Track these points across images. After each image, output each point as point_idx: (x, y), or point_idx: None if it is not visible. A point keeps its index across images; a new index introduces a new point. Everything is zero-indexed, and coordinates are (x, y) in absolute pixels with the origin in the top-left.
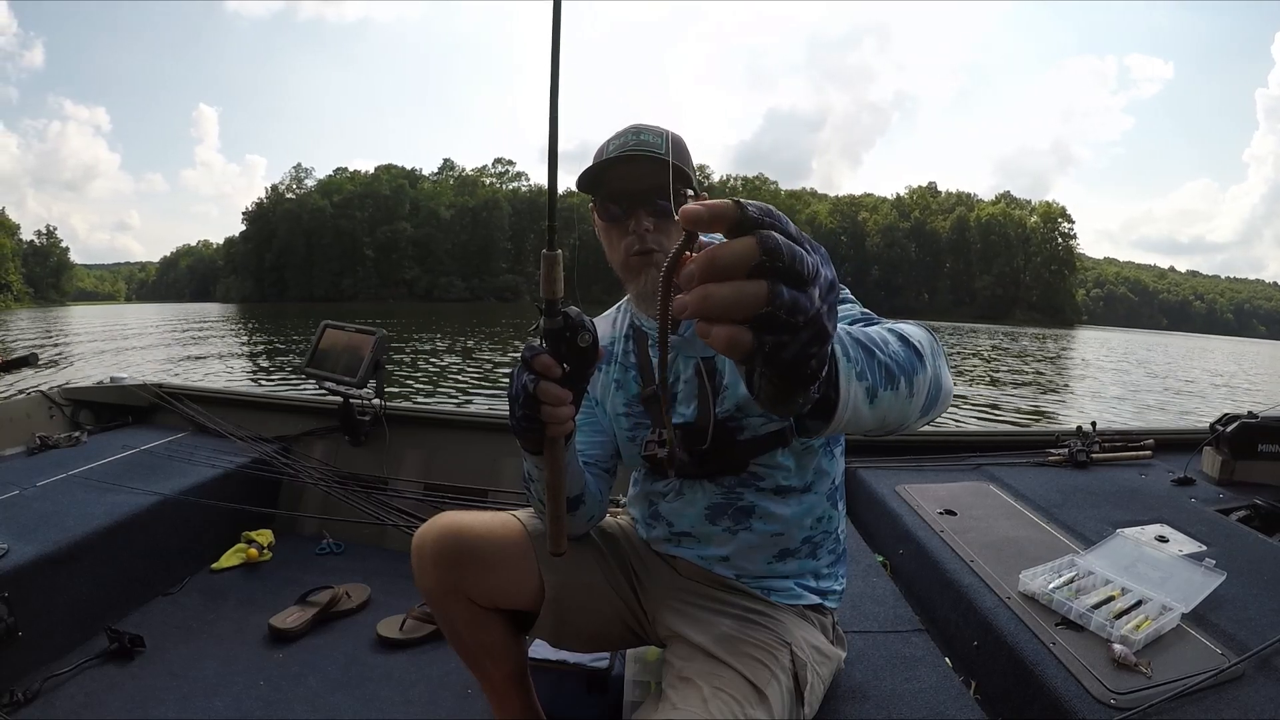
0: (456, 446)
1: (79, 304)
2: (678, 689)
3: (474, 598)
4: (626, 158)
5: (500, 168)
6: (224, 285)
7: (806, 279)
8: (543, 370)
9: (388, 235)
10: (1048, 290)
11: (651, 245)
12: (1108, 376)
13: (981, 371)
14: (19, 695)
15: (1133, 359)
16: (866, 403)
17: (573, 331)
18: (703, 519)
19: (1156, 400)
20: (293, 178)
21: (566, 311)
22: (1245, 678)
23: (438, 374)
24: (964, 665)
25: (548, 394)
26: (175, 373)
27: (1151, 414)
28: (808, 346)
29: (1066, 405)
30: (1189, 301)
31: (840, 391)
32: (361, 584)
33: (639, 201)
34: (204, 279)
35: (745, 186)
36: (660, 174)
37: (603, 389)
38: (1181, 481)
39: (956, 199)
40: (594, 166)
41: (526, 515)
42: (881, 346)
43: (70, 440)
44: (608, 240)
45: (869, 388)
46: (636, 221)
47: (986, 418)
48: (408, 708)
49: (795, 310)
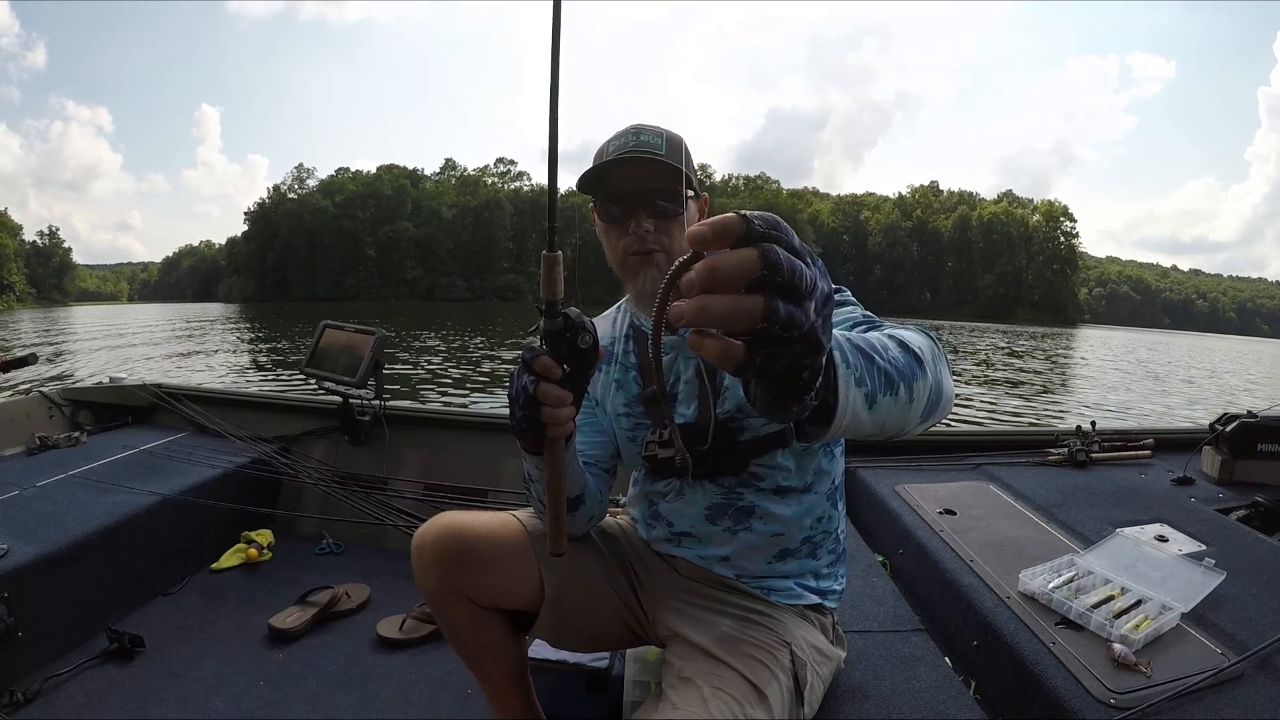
0: (456, 446)
1: (81, 304)
2: (678, 689)
3: (474, 597)
4: (626, 159)
5: (502, 167)
6: (226, 285)
7: (804, 293)
8: (543, 372)
9: (389, 235)
10: (1050, 289)
11: (651, 245)
12: (1112, 378)
13: (980, 372)
14: (19, 695)
15: (1156, 360)
16: (865, 408)
17: (573, 333)
18: (703, 519)
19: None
20: (295, 178)
21: (566, 312)
22: (1245, 677)
23: (439, 373)
24: (964, 665)
25: (548, 395)
26: (176, 373)
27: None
28: (800, 359)
29: (1067, 405)
30: (1192, 300)
31: (839, 397)
32: (361, 584)
33: (638, 202)
34: (206, 279)
35: (747, 186)
36: (659, 175)
37: (603, 389)
38: (1181, 481)
39: (959, 198)
40: (594, 168)
41: (526, 515)
42: (881, 352)
43: (70, 440)
44: (607, 240)
45: (868, 393)
46: (636, 222)
47: (987, 418)
48: (408, 708)
49: (790, 325)
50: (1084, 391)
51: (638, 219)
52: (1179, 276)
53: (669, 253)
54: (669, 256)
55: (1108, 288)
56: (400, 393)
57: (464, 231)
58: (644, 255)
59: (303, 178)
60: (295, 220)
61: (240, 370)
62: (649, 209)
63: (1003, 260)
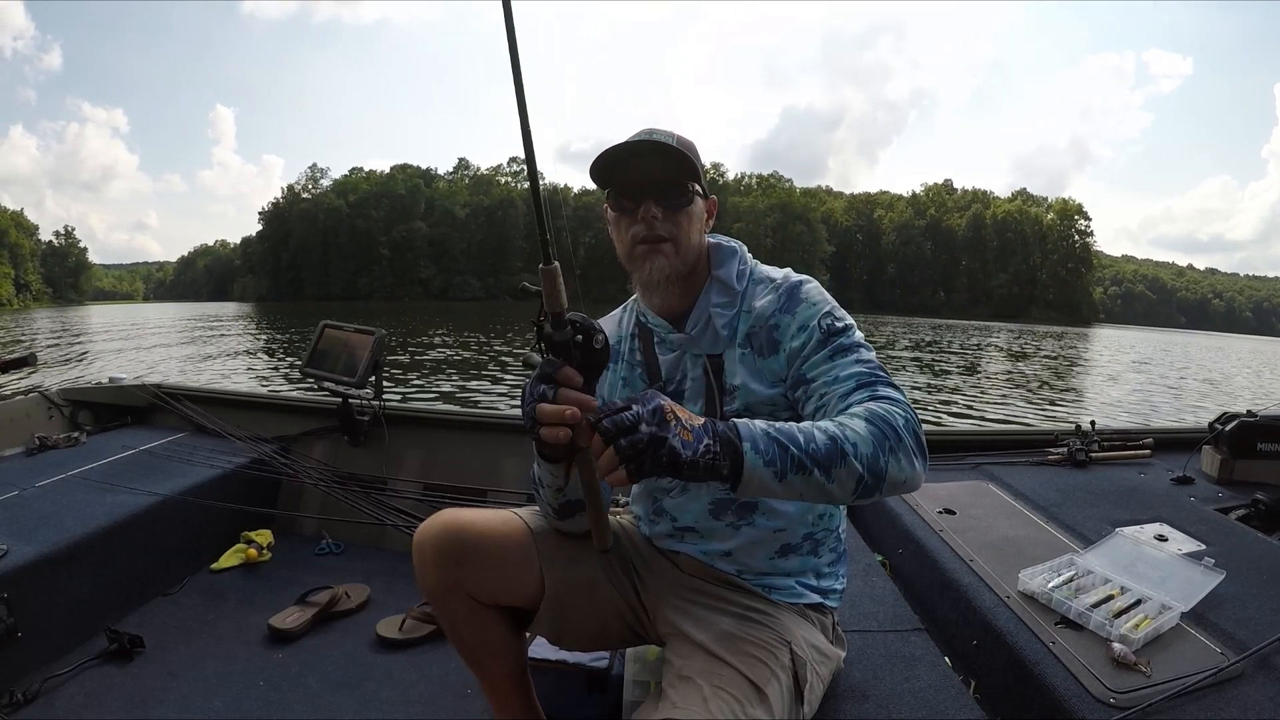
0: (456, 446)
1: (97, 303)
2: (678, 688)
3: (475, 594)
4: (639, 151)
5: (515, 167)
6: (241, 284)
7: (629, 429)
8: (566, 381)
9: (403, 234)
10: (1064, 288)
11: (660, 233)
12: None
13: (1001, 369)
14: (19, 695)
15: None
16: (775, 481)
17: (586, 335)
18: (706, 514)
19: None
20: (309, 178)
21: (572, 319)
22: (1244, 676)
23: (454, 371)
24: (963, 664)
25: (569, 398)
26: (194, 373)
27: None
28: (655, 450)
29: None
30: (1207, 300)
31: (744, 470)
32: (361, 584)
33: (648, 192)
34: (221, 278)
35: (759, 184)
36: (670, 169)
37: (609, 386)
38: (1181, 480)
39: (972, 196)
40: (606, 154)
41: (528, 513)
42: (801, 444)
43: (69, 441)
44: (617, 232)
45: (776, 471)
46: (645, 209)
47: (1000, 418)
48: (408, 708)
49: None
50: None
51: (647, 206)
52: (1195, 276)
53: (676, 241)
54: (676, 246)
55: (1123, 287)
56: (412, 392)
57: (477, 231)
58: (652, 244)
59: (317, 178)
60: (309, 220)
61: (255, 368)
62: (658, 198)
63: (1017, 259)
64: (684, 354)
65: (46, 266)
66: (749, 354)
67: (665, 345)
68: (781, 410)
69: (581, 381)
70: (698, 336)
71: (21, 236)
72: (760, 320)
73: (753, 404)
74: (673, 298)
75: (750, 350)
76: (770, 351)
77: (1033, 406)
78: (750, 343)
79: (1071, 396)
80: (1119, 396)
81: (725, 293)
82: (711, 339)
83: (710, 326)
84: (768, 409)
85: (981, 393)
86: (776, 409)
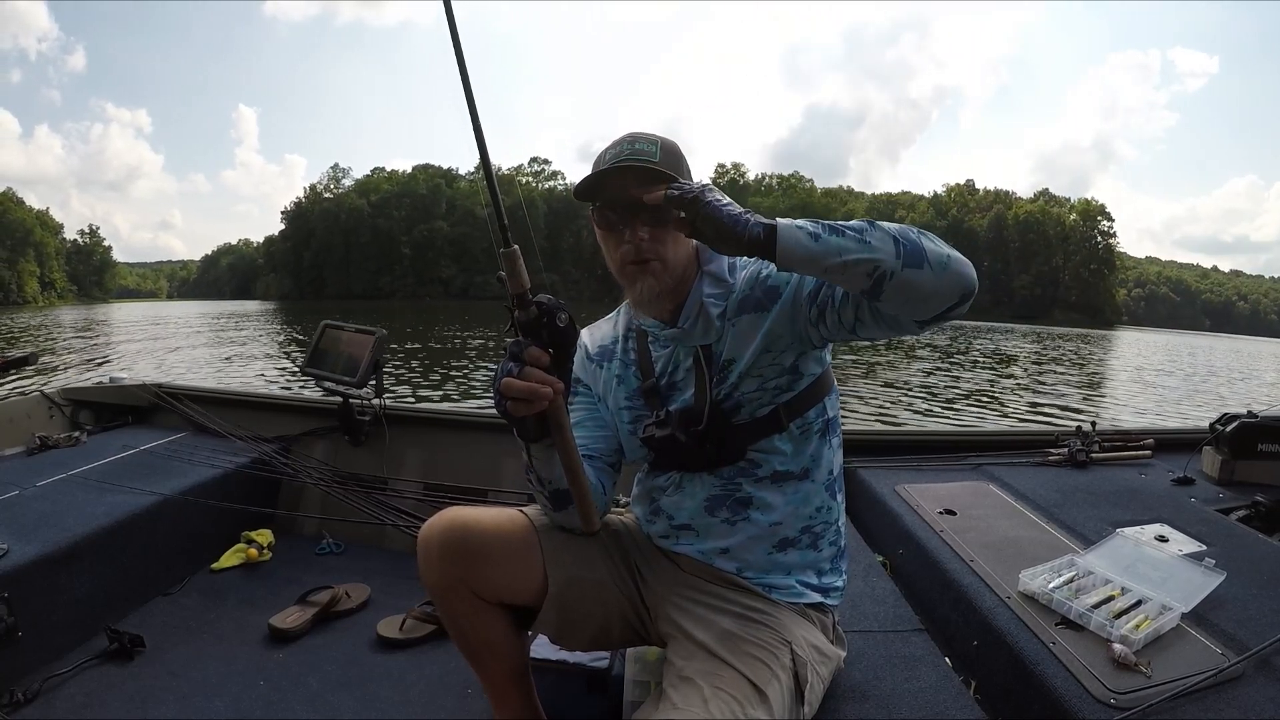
0: (456, 446)
1: (121, 301)
2: (678, 688)
3: (479, 592)
4: (620, 169)
5: (536, 166)
6: (264, 283)
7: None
8: (533, 360)
9: (424, 234)
10: (1087, 290)
11: (646, 254)
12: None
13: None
14: (19, 695)
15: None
16: (810, 240)
17: (549, 315)
18: (701, 510)
19: None
20: (331, 177)
21: (537, 301)
22: (1245, 677)
23: (471, 370)
24: (964, 665)
25: (533, 375)
26: (203, 367)
27: None
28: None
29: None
30: (1233, 302)
31: (780, 227)
32: (361, 584)
33: (633, 212)
34: (244, 277)
35: (780, 184)
36: (654, 184)
37: (604, 385)
38: (1181, 481)
39: (994, 197)
40: (589, 177)
41: (533, 511)
42: (838, 224)
43: (70, 440)
44: (606, 247)
45: (811, 233)
46: (632, 231)
47: (1011, 417)
48: (408, 708)
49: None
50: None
51: (633, 228)
52: (1219, 278)
53: (664, 261)
54: (665, 265)
55: (1146, 289)
56: (422, 393)
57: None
58: (640, 265)
59: (339, 177)
60: (331, 219)
61: (273, 365)
62: (643, 218)
63: (1039, 260)
64: (677, 346)
65: (71, 265)
66: (747, 318)
67: (659, 342)
68: (771, 379)
69: (549, 360)
70: (690, 329)
71: (46, 235)
72: (750, 283)
73: (741, 389)
74: (665, 312)
75: (747, 314)
76: (771, 300)
77: (1058, 410)
78: (744, 308)
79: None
80: (1146, 404)
81: (717, 285)
82: (704, 330)
83: (702, 318)
84: (757, 382)
85: (1001, 404)
86: (765, 379)
